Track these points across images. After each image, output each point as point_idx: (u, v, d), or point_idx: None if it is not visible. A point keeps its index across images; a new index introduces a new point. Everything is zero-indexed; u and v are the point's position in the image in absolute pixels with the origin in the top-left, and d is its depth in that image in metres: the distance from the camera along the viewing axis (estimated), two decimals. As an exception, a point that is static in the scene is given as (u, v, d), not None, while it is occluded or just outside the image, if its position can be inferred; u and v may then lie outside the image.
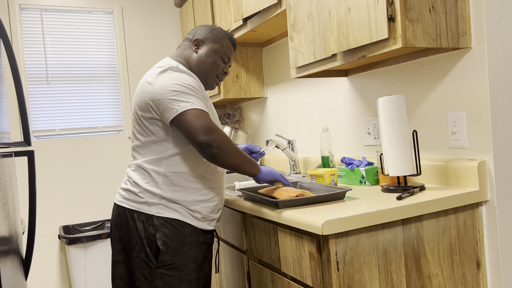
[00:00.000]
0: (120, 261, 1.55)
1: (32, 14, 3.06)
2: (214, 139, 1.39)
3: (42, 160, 3.08)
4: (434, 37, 1.36)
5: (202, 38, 1.62)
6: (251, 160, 1.47)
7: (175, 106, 1.41)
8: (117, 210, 1.55)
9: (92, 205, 3.21)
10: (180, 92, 1.43)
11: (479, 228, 1.45)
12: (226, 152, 1.40)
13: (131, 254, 1.51)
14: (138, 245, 1.49)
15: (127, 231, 1.51)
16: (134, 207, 1.50)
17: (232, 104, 3.30)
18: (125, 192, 1.54)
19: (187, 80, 1.47)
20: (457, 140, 1.51)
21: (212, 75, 1.63)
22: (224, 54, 1.63)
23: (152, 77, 1.50)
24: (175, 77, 1.47)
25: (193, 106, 1.41)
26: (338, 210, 1.27)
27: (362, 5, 1.41)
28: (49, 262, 3.08)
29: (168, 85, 1.44)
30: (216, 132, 1.40)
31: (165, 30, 3.46)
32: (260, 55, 2.84)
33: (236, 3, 2.31)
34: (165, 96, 1.43)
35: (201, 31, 1.64)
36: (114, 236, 1.56)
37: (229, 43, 1.65)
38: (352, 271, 1.21)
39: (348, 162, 1.82)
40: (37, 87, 3.06)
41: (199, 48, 1.62)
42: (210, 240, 1.59)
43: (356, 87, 1.99)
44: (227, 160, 1.41)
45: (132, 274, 1.52)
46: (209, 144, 1.38)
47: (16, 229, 1.55)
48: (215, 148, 1.39)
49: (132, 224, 1.49)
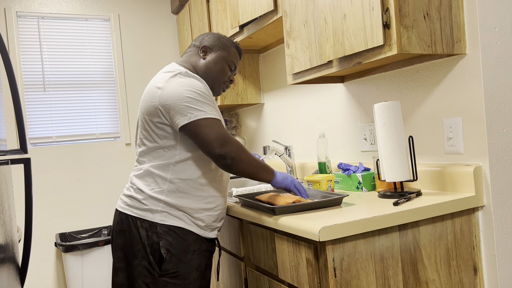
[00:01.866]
0: (120, 269, 1.52)
1: (29, 22, 3.07)
2: (228, 150, 1.42)
3: (39, 167, 3.07)
4: (429, 44, 1.37)
5: (210, 45, 1.63)
6: (265, 167, 1.49)
7: (188, 114, 1.41)
8: (119, 217, 1.53)
9: (89, 212, 3.20)
10: (193, 99, 1.43)
11: (475, 233, 1.45)
12: (240, 163, 1.43)
13: (133, 262, 1.48)
14: (140, 253, 1.47)
15: (130, 239, 1.49)
16: (138, 214, 1.48)
17: (229, 110, 3.31)
18: (128, 199, 1.52)
19: (199, 87, 1.46)
20: (453, 146, 1.52)
21: (220, 82, 1.64)
22: (231, 62, 1.65)
23: (162, 82, 1.48)
24: (187, 82, 1.46)
25: (206, 115, 1.42)
26: (335, 216, 1.27)
27: (357, 12, 1.42)
28: (46, 270, 3.06)
29: (180, 91, 1.43)
30: (230, 143, 1.43)
31: (162, 37, 3.47)
32: (256, 62, 2.85)
33: (233, 10, 2.32)
34: (178, 102, 1.42)
35: (208, 38, 1.65)
36: (115, 243, 1.54)
37: (236, 51, 1.67)
38: (349, 277, 1.21)
39: (344, 168, 1.82)
40: (33, 94, 3.06)
41: (207, 54, 1.62)
42: (212, 248, 1.58)
43: (352, 93, 2.00)
44: (241, 170, 1.44)
45: (133, 282, 1.49)
46: (223, 156, 1.41)
47: (12, 237, 1.55)
48: (229, 159, 1.42)
49: (135, 231, 1.47)
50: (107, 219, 3.25)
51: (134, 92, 3.36)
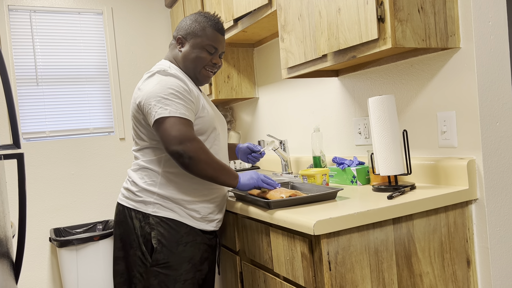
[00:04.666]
0: (120, 258, 1.59)
1: (21, 15, 3.03)
2: (186, 149, 1.37)
3: (33, 162, 3.05)
4: (424, 37, 1.37)
5: (183, 35, 1.59)
6: (228, 171, 1.44)
7: (154, 112, 1.42)
8: (117, 208, 1.60)
9: (83, 207, 3.19)
10: (161, 97, 1.42)
11: (469, 226, 1.46)
12: (198, 163, 1.38)
13: (129, 252, 1.55)
14: (135, 243, 1.52)
15: (126, 229, 1.55)
16: (132, 205, 1.53)
17: (223, 104, 3.30)
18: (125, 191, 1.58)
19: (171, 84, 1.45)
20: (447, 139, 1.53)
21: (199, 69, 1.58)
22: (209, 46, 1.57)
23: (141, 83, 1.53)
24: (160, 80, 1.47)
25: (171, 113, 1.40)
26: (330, 210, 1.28)
27: (352, 5, 1.42)
28: (40, 265, 3.05)
29: (152, 90, 1.45)
30: (190, 142, 1.38)
31: (156, 31, 3.45)
32: (251, 56, 2.84)
33: (227, 3, 2.31)
34: (148, 101, 1.44)
35: (182, 27, 1.60)
36: (115, 233, 1.61)
37: (213, 31, 1.57)
38: (344, 271, 1.22)
39: (339, 162, 1.83)
40: (26, 89, 3.04)
41: (182, 46, 1.60)
42: (211, 241, 1.59)
43: (347, 87, 2.00)
44: (199, 171, 1.39)
45: (130, 271, 1.56)
46: (180, 154, 1.37)
47: (6, 232, 1.54)
48: (186, 158, 1.37)
49: (130, 222, 1.53)
50: (102, 213, 3.25)
51: (128, 86, 3.34)
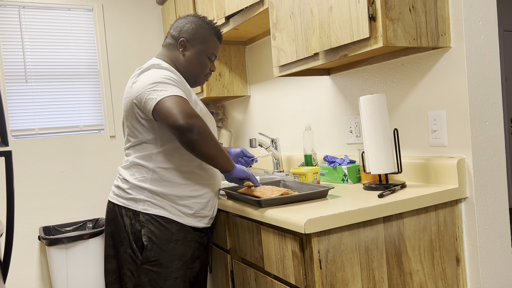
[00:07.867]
0: (111, 256, 1.58)
1: (10, 11, 2.99)
2: (196, 124, 1.32)
3: (21, 160, 3.01)
4: (415, 37, 1.38)
5: (188, 39, 1.60)
6: (227, 155, 1.45)
7: (154, 96, 1.39)
8: (108, 206, 1.59)
9: (73, 205, 3.16)
10: (158, 83, 1.42)
11: (458, 224, 1.47)
12: (206, 140, 1.34)
13: (120, 249, 1.54)
14: (125, 241, 1.52)
15: (117, 227, 1.55)
16: (122, 203, 1.53)
17: (215, 102, 3.29)
18: (116, 189, 1.58)
19: (168, 74, 1.47)
20: (437, 138, 1.54)
21: (202, 75, 1.65)
22: (211, 54, 1.64)
23: (135, 77, 1.52)
24: (155, 72, 1.48)
25: (171, 93, 1.38)
26: (321, 208, 1.28)
27: (343, 4, 1.42)
28: (29, 264, 3.02)
29: (148, 79, 1.45)
30: (197, 118, 1.35)
31: (147, 28, 3.42)
32: (243, 54, 2.83)
33: (219, 1, 2.30)
34: (145, 89, 1.43)
35: (186, 30, 1.60)
36: (106, 231, 1.60)
37: (216, 40, 1.64)
38: (334, 269, 1.22)
39: (330, 161, 1.83)
40: (15, 86, 3.00)
41: (186, 50, 1.61)
42: (202, 239, 1.58)
43: (338, 86, 2.00)
44: (205, 149, 1.35)
45: (121, 269, 1.55)
46: (190, 128, 1.31)
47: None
48: (195, 134, 1.32)
49: (121, 219, 1.53)
50: (92, 212, 3.22)
51: (118, 84, 3.31)
